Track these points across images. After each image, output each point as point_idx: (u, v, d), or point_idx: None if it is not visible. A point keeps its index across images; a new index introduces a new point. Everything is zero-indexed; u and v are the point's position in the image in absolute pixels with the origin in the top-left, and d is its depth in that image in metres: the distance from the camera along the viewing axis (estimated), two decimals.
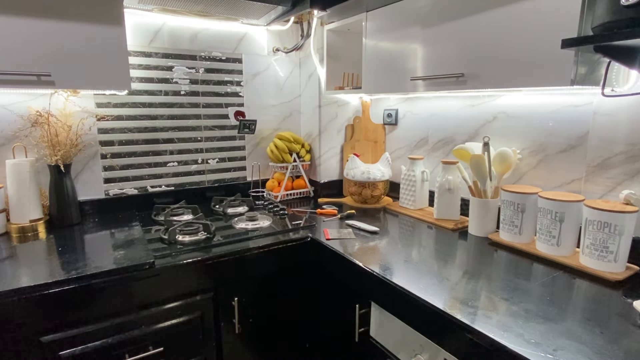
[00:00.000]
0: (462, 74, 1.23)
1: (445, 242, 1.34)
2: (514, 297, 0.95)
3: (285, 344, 1.50)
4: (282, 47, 2.02)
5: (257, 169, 2.05)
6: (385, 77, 1.56)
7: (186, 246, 1.30)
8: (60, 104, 1.53)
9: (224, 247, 1.30)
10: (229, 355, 1.36)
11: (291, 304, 1.47)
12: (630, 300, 0.93)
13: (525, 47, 1.05)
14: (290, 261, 1.42)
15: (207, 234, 1.39)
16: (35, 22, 1.21)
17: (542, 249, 1.20)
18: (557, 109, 1.28)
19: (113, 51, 1.34)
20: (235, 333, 1.35)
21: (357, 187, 1.82)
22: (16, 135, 1.49)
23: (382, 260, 1.19)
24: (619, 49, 0.89)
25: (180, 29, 1.77)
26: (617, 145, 1.15)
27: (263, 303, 1.41)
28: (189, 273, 1.22)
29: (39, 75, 1.23)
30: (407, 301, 0.99)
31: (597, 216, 1.05)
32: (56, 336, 1.05)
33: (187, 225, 1.42)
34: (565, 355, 0.73)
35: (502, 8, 1.10)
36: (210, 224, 1.41)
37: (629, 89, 1.09)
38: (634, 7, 0.75)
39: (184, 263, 1.20)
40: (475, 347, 0.82)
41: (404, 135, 1.92)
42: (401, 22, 1.45)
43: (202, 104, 1.85)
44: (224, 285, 1.30)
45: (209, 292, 1.28)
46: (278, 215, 1.66)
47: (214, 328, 1.31)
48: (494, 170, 1.38)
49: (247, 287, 1.36)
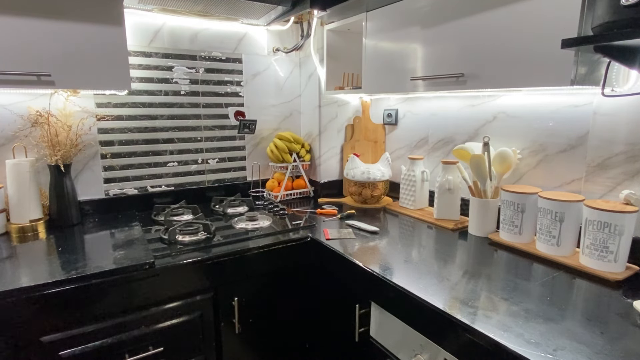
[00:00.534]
0: (462, 74, 1.23)
1: (445, 242, 1.34)
2: (514, 297, 0.95)
3: (285, 344, 1.50)
4: (282, 47, 2.02)
5: (257, 169, 2.05)
6: (385, 77, 1.56)
7: (186, 246, 1.30)
8: (60, 104, 1.53)
9: (224, 247, 1.30)
10: (229, 355, 1.36)
11: (291, 304, 1.47)
12: (630, 300, 0.93)
13: (525, 47, 1.05)
14: (290, 261, 1.42)
15: (207, 234, 1.39)
16: (35, 22, 1.21)
17: (542, 249, 1.20)
18: (557, 109, 1.28)
19: (113, 51, 1.34)
20: (235, 333, 1.35)
21: (357, 187, 1.82)
22: (16, 135, 1.49)
23: (382, 260, 1.19)
24: (619, 49, 0.89)
25: (180, 29, 1.77)
26: (617, 145, 1.15)
27: (263, 303, 1.41)
28: (189, 273, 1.22)
29: (39, 75, 1.23)
30: (407, 301, 0.99)
31: (597, 216, 1.05)
32: (56, 336, 1.05)
33: (187, 225, 1.42)
34: (565, 355, 0.73)
35: (502, 8, 1.10)
36: (210, 224, 1.41)
37: (629, 89, 1.09)
38: (634, 7, 0.75)
39: (184, 263, 1.20)
40: (475, 347, 0.82)
41: (404, 135, 1.92)
42: (401, 22, 1.45)
43: (202, 104, 1.85)
44: (223, 285, 1.30)
45: (209, 292, 1.28)
46: (278, 215, 1.66)
47: (214, 328, 1.31)
48: (494, 170, 1.38)
49: (247, 287, 1.36)
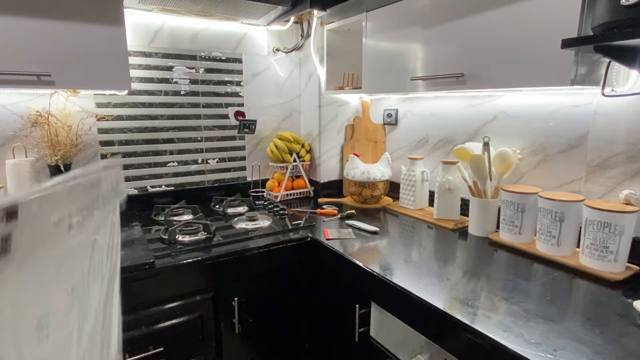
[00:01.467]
0: (462, 74, 1.23)
1: (445, 242, 1.34)
2: (514, 297, 0.95)
3: (285, 344, 1.50)
4: (282, 47, 2.02)
5: (257, 169, 2.05)
6: (385, 77, 1.56)
7: (186, 246, 1.30)
8: (60, 104, 1.53)
9: (224, 247, 1.30)
10: (229, 355, 1.36)
11: (291, 304, 1.47)
12: (630, 300, 0.93)
13: (525, 47, 1.05)
14: (290, 261, 1.42)
15: (207, 234, 1.39)
16: (35, 22, 1.21)
17: (542, 249, 1.20)
18: (557, 109, 1.28)
19: (113, 51, 1.34)
20: (235, 333, 1.35)
21: (357, 187, 1.82)
22: (16, 135, 1.49)
23: (382, 260, 1.19)
24: (619, 49, 0.89)
25: (180, 29, 1.77)
26: (617, 145, 1.15)
27: (263, 303, 1.41)
28: (189, 273, 1.22)
29: (39, 75, 1.23)
30: (407, 301, 0.99)
31: (597, 216, 1.05)
32: None
33: (187, 225, 1.42)
34: (565, 355, 0.73)
35: (502, 8, 1.10)
36: (210, 224, 1.41)
37: (629, 89, 1.09)
38: (634, 7, 0.75)
39: (184, 263, 1.20)
40: (475, 347, 0.82)
41: (404, 135, 1.92)
42: (401, 22, 1.45)
43: (202, 104, 1.85)
44: (223, 285, 1.30)
45: (209, 292, 1.28)
46: (278, 215, 1.66)
47: (214, 328, 1.31)
48: (494, 170, 1.38)
49: (247, 287, 1.36)
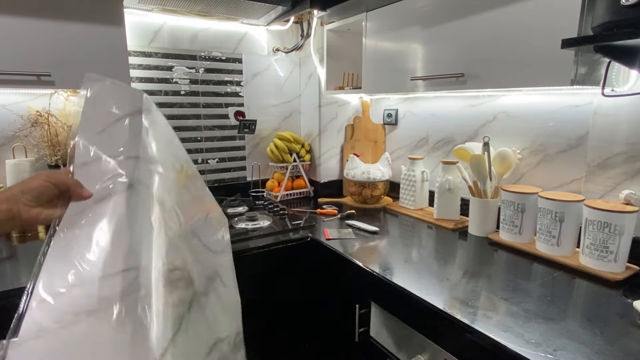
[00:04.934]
0: (462, 74, 1.23)
1: (445, 242, 1.34)
2: (514, 297, 0.94)
3: (285, 343, 1.49)
4: (282, 47, 2.02)
5: (257, 169, 2.05)
6: (385, 77, 1.56)
7: None
8: (60, 104, 1.53)
9: None
10: None
11: (291, 303, 1.47)
12: (630, 300, 0.93)
13: (525, 47, 1.05)
14: (290, 261, 1.42)
15: None
16: (36, 22, 1.21)
17: (542, 249, 1.20)
18: (557, 109, 1.28)
19: (113, 51, 1.33)
20: None
21: (357, 187, 1.82)
22: (16, 135, 1.49)
23: (382, 260, 1.19)
24: (619, 49, 0.89)
25: (180, 29, 1.77)
26: (617, 145, 1.15)
27: (263, 303, 1.41)
28: None
29: (39, 75, 1.23)
30: (407, 301, 0.99)
31: (597, 216, 1.05)
32: None
33: None
34: (565, 355, 0.73)
35: (502, 8, 1.10)
36: None
37: (629, 89, 1.09)
38: (634, 7, 0.75)
39: None
40: (475, 347, 0.82)
41: (404, 135, 1.92)
42: (401, 22, 1.45)
43: (202, 104, 1.85)
44: None
45: None
46: (278, 215, 1.66)
47: None
48: (494, 170, 1.38)
49: (246, 287, 1.35)
